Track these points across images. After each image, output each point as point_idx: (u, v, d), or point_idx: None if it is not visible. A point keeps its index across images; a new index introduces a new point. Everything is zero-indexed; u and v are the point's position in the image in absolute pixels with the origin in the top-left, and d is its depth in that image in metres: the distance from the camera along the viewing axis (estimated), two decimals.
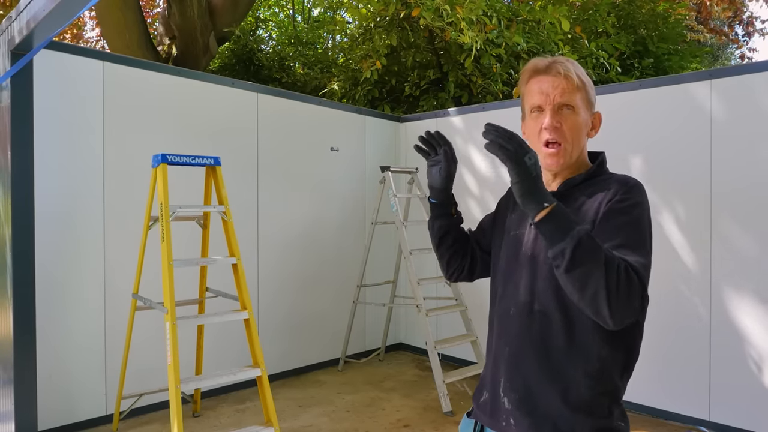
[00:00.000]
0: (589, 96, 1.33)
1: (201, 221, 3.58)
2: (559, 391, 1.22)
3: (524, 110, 1.38)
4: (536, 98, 1.30)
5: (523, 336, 1.27)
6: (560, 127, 1.28)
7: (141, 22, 7.57)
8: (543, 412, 1.23)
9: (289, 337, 4.70)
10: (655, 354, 3.70)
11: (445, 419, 3.78)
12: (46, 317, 3.34)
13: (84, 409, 3.53)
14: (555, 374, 1.22)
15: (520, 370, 1.27)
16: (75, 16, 2.63)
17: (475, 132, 4.90)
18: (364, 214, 5.33)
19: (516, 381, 1.27)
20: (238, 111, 4.35)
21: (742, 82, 3.42)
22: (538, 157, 1.25)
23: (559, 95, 1.28)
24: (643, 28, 7.46)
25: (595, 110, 1.36)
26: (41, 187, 3.31)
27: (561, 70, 1.28)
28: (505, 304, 1.34)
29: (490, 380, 1.35)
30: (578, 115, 1.29)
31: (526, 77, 1.35)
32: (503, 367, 1.31)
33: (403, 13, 6.26)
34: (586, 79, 1.32)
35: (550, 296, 1.24)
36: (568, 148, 1.29)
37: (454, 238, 1.54)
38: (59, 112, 3.43)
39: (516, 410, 1.26)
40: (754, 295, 3.35)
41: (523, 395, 1.25)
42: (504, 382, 1.29)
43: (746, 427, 3.37)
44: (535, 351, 1.25)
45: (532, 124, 1.33)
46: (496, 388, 1.32)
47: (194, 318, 3.09)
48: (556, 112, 1.28)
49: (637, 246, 1.14)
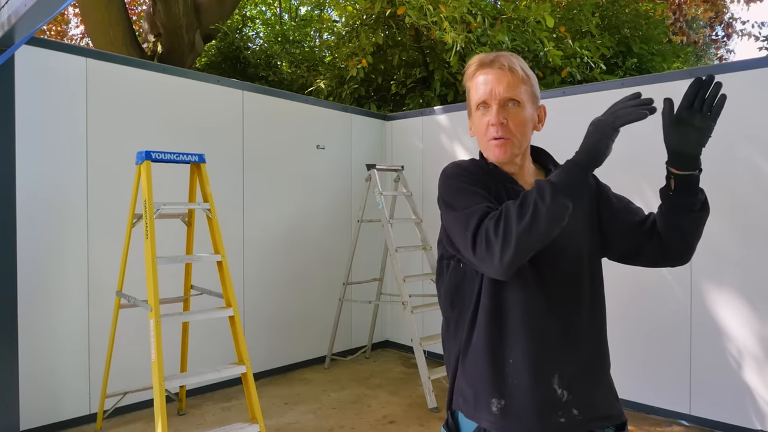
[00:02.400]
0: (534, 89, 1.33)
1: (185, 218, 3.57)
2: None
3: (470, 106, 1.37)
4: (481, 93, 1.31)
5: (585, 327, 1.31)
6: (506, 124, 1.29)
7: (125, 19, 7.50)
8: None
9: (275, 335, 4.69)
10: (636, 349, 3.76)
11: (431, 415, 3.81)
12: (28, 315, 3.31)
13: (67, 408, 3.50)
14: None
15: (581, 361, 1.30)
16: (56, 11, 2.61)
17: (460, 130, 4.93)
18: (350, 211, 5.33)
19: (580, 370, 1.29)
20: (223, 108, 4.34)
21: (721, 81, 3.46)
22: (486, 153, 1.36)
23: (504, 90, 1.28)
24: (627, 28, 7.53)
25: (540, 103, 1.37)
26: (23, 185, 3.28)
27: (505, 63, 1.29)
28: (557, 297, 1.28)
29: (530, 374, 1.25)
30: (524, 110, 1.30)
31: (472, 71, 1.35)
32: (558, 360, 1.26)
33: (389, 11, 6.27)
34: (531, 73, 1.33)
35: (596, 288, 1.35)
36: (515, 142, 1.30)
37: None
38: (42, 108, 3.40)
39: (579, 399, 1.26)
40: (733, 290, 3.41)
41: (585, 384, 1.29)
42: (560, 376, 1.25)
43: (726, 420, 3.44)
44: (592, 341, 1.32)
45: (478, 121, 1.33)
46: (541, 382, 1.25)
47: (179, 315, 3.09)
48: (502, 107, 1.29)
49: None
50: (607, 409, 1.30)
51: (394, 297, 5.20)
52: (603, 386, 1.32)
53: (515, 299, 1.25)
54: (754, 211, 3.34)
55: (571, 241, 1.28)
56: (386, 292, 5.33)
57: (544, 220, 1.10)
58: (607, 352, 1.35)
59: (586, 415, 1.25)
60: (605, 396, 1.31)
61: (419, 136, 5.29)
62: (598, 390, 1.30)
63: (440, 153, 5.01)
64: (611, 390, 1.34)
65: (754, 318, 3.35)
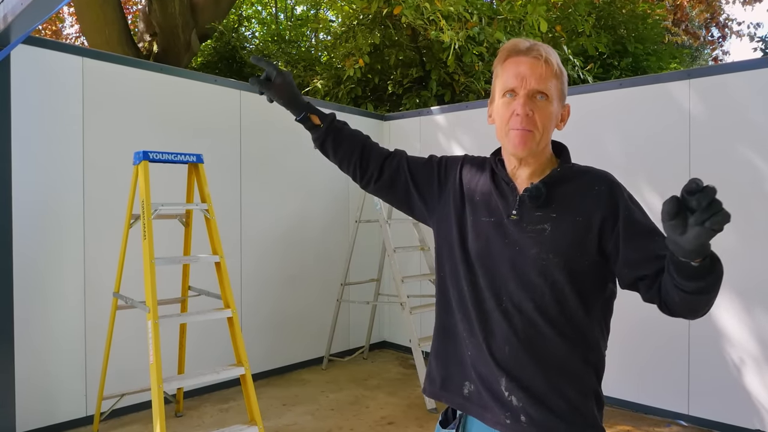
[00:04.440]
0: (564, 87, 1.28)
1: (183, 219, 3.55)
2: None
3: (495, 91, 1.30)
4: (511, 81, 1.24)
5: (523, 332, 1.23)
6: (532, 116, 1.22)
7: (121, 18, 7.47)
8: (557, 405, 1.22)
9: (273, 336, 4.67)
10: (634, 349, 3.76)
11: (430, 416, 3.80)
12: (24, 316, 3.28)
13: (64, 410, 3.47)
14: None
15: (527, 368, 1.24)
16: (53, 10, 2.59)
17: (459, 130, 4.93)
18: (348, 212, 5.32)
19: (524, 379, 1.23)
20: (221, 108, 4.32)
21: (719, 82, 3.48)
22: (504, 142, 1.29)
23: (535, 81, 1.22)
24: (623, 28, 7.55)
25: (566, 102, 1.32)
26: (19, 184, 3.26)
27: (543, 53, 1.23)
28: (489, 296, 1.27)
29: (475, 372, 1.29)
30: (551, 105, 1.24)
31: (504, 56, 1.28)
32: (503, 364, 1.25)
33: (385, 10, 6.26)
34: (563, 69, 1.29)
35: (546, 291, 1.22)
36: (537, 137, 1.23)
37: (335, 143, 1.50)
38: (38, 107, 3.37)
39: (529, 407, 1.22)
40: (731, 290, 3.42)
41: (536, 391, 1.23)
42: (507, 380, 1.23)
43: (724, 420, 3.44)
44: (538, 349, 1.23)
45: (502, 109, 1.26)
46: (490, 382, 1.26)
47: (177, 317, 3.06)
48: (530, 99, 1.22)
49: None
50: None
51: (392, 297, 5.19)
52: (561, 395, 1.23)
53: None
54: (752, 212, 3.35)
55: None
56: (384, 293, 5.32)
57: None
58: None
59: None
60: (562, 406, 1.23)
61: (417, 137, 5.28)
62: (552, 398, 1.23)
63: (438, 153, 4.97)
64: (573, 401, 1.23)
65: (752, 318, 3.36)
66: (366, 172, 1.49)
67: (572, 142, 1.37)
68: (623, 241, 1.20)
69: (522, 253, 1.24)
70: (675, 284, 1.04)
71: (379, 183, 1.49)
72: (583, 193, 1.25)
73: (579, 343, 1.24)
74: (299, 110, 1.50)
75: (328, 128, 1.50)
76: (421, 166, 1.49)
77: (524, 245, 1.24)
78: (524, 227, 1.25)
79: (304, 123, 1.51)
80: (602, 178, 1.28)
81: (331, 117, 1.52)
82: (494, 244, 1.27)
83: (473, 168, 1.41)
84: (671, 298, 1.09)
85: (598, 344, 1.27)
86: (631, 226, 1.21)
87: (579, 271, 1.22)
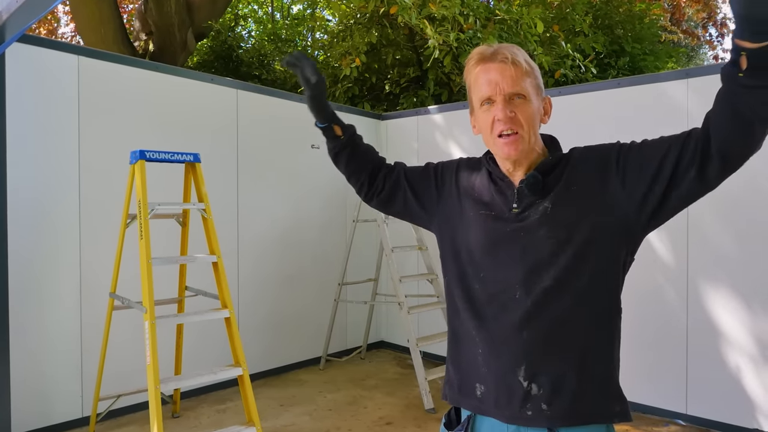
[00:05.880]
0: (539, 81, 1.26)
1: (180, 219, 3.53)
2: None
3: (472, 103, 1.29)
4: (485, 89, 1.23)
5: (540, 316, 1.21)
6: (515, 116, 1.21)
7: (117, 17, 7.43)
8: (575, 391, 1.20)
9: (270, 336, 4.66)
10: (633, 348, 3.75)
11: (428, 416, 3.79)
12: (19, 316, 3.26)
13: (59, 411, 3.45)
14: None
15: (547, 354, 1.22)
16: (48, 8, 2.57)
17: (456, 130, 4.92)
18: (346, 211, 5.31)
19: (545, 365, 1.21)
20: (217, 107, 4.30)
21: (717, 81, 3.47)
22: (494, 150, 1.29)
23: (508, 85, 1.20)
24: (620, 28, 7.56)
25: (544, 95, 1.30)
26: (14, 183, 3.23)
27: (508, 55, 1.21)
28: (501, 288, 1.26)
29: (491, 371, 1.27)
30: (530, 103, 1.23)
31: (471, 66, 1.27)
32: (520, 352, 1.23)
33: (382, 10, 6.25)
34: (534, 64, 1.26)
35: (560, 269, 1.20)
36: (525, 136, 1.22)
37: (350, 156, 1.54)
38: (34, 106, 3.34)
39: (551, 393, 1.20)
40: (730, 289, 3.42)
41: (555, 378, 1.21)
42: (526, 368, 1.21)
43: (722, 419, 3.44)
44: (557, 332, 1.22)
45: (483, 117, 1.26)
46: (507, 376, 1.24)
47: (173, 317, 3.04)
48: (508, 102, 1.21)
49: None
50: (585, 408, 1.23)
51: (390, 297, 5.18)
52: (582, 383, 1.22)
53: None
54: (751, 212, 3.35)
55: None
56: (381, 293, 5.31)
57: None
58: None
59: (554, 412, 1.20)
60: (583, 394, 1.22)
61: (414, 136, 5.27)
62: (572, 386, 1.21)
63: (436, 152, 5.00)
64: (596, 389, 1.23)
65: (751, 318, 3.36)
66: (371, 187, 1.54)
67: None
68: (634, 157, 1.22)
69: (530, 237, 1.23)
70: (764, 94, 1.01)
71: (380, 197, 1.54)
72: (576, 168, 1.25)
73: (594, 318, 1.22)
74: (325, 119, 1.50)
75: (348, 141, 1.52)
76: (418, 175, 1.51)
77: (531, 228, 1.23)
78: (527, 215, 1.25)
79: (325, 131, 1.52)
80: (589, 147, 1.29)
81: (352, 130, 1.55)
82: (500, 235, 1.27)
83: (469, 169, 1.42)
84: (744, 103, 1.06)
85: (614, 318, 1.26)
86: (629, 150, 1.24)
87: (591, 243, 1.21)
